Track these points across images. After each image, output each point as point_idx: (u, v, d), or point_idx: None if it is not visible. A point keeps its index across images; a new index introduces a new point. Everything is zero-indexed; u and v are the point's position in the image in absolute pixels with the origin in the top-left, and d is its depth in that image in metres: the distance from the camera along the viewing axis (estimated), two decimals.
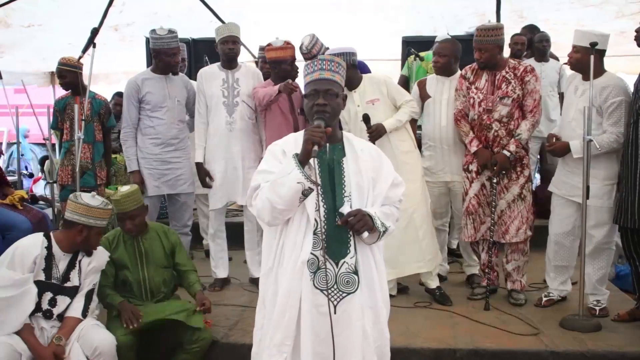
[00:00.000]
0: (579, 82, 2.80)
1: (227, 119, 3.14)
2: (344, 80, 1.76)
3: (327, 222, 1.64)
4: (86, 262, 2.33)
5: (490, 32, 2.86)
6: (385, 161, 1.76)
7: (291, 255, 1.65)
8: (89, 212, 2.25)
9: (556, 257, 2.91)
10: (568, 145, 2.75)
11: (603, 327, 2.64)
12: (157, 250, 2.55)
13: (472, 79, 2.97)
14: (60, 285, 2.28)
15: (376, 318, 1.70)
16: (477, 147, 2.92)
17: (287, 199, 1.58)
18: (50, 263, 2.27)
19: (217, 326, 2.66)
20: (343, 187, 1.68)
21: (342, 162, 1.71)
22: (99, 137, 3.43)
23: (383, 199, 1.72)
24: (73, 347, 2.21)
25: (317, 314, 1.62)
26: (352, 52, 2.91)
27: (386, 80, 2.98)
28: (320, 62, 1.71)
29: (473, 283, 3.22)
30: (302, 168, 1.56)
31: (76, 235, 2.26)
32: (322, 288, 1.62)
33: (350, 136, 1.79)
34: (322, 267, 1.62)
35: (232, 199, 3.30)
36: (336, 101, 1.70)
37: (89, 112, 3.29)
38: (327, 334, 1.59)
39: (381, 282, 1.73)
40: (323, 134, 1.59)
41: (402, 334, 2.54)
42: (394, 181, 1.74)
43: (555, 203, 2.91)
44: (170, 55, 3.10)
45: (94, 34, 3.18)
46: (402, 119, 2.92)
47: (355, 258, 1.66)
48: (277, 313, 1.66)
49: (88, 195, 2.30)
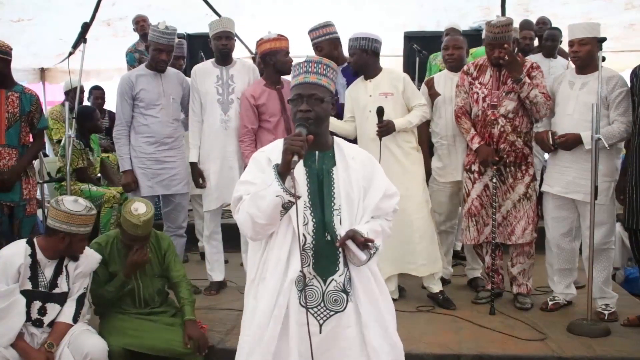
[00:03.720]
0: (573, 77, 2.76)
1: (222, 117, 3.07)
2: (333, 83, 1.65)
3: (315, 236, 1.57)
4: (73, 267, 2.27)
5: (508, 28, 2.79)
6: (377, 170, 1.67)
7: (274, 271, 1.56)
8: (70, 220, 2.16)
9: (559, 261, 2.86)
10: (580, 137, 2.65)
11: (612, 332, 2.58)
12: (151, 259, 2.47)
13: (475, 74, 2.90)
14: (48, 293, 2.21)
15: (384, 331, 1.62)
16: (479, 143, 2.85)
17: (268, 213, 1.49)
18: (36, 271, 2.20)
19: (213, 331, 2.60)
20: (333, 199, 1.60)
21: (332, 171, 1.62)
22: (26, 139, 2.88)
23: (373, 210, 1.63)
24: (63, 353, 2.16)
25: (303, 333, 1.53)
26: (376, 39, 2.83)
27: (405, 78, 2.90)
28: (307, 64, 1.62)
29: (477, 287, 3.16)
30: (280, 180, 1.47)
31: (59, 243, 2.19)
32: (309, 306, 1.54)
33: (341, 142, 1.69)
34: (309, 284, 1.55)
35: (228, 200, 3.21)
36: (321, 106, 1.59)
37: (17, 109, 2.79)
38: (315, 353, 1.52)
39: (382, 292, 1.66)
40: (303, 143, 1.49)
41: (405, 339, 2.40)
42: (386, 192, 1.64)
43: (551, 205, 2.83)
44: (156, 50, 3.02)
45: (85, 29, 3.08)
46: (413, 121, 2.84)
47: (345, 276, 1.59)
48: (254, 333, 1.57)
49: (70, 200, 2.21)
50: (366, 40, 2.80)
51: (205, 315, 2.71)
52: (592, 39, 2.64)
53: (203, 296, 3.11)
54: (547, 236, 2.89)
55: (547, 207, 2.86)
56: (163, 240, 2.53)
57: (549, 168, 2.88)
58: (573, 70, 2.82)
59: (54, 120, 4.52)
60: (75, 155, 3.52)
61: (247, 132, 3.00)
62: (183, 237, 3.29)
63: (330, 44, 3.02)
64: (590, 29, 2.67)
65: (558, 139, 2.72)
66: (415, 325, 2.66)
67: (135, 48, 4.59)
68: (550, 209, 2.84)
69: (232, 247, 3.45)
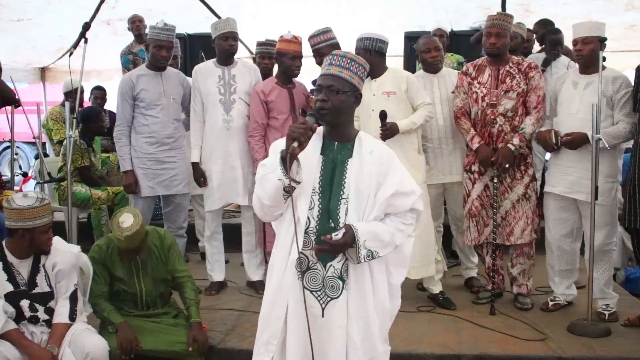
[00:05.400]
0: (577, 77, 2.75)
1: (224, 117, 3.07)
2: (357, 77, 1.65)
3: (319, 221, 1.62)
4: (51, 266, 2.23)
5: (507, 19, 2.81)
6: (395, 166, 1.66)
7: (281, 253, 1.65)
8: (23, 215, 2.12)
9: (560, 262, 2.85)
10: (586, 136, 2.63)
11: (612, 332, 2.58)
12: (153, 261, 2.45)
13: (474, 74, 2.90)
14: (30, 292, 2.19)
15: (366, 330, 1.63)
16: (479, 143, 2.84)
17: (272, 195, 1.58)
18: (11, 272, 2.19)
19: (214, 331, 2.60)
20: (342, 188, 1.63)
21: (347, 162, 1.66)
22: None
23: (385, 207, 1.63)
24: (65, 353, 2.15)
25: (303, 314, 1.58)
26: (382, 39, 2.84)
27: (408, 77, 2.90)
28: (331, 57, 1.67)
29: (472, 287, 3.16)
30: (282, 165, 1.54)
31: (21, 241, 2.17)
32: (311, 289, 1.61)
33: (363, 136, 1.71)
34: (312, 267, 1.61)
35: (231, 200, 3.22)
36: (338, 98, 1.62)
37: None
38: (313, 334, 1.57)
39: (376, 290, 1.65)
40: (305, 131, 1.54)
41: (405, 339, 2.49)
42: (399, 189, 1.63)
43: (552, 206, 2.82)
44: (155, 47, 3.02)
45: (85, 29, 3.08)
46: (417, 122, 2.83)
47: (344, 263, 1.62)
48: (264, 310, 1.66)
49: (20, 197, 2.18)
50: (370, 40, 2.81)
51: (205, 315, 2.68)
52: (595, 38, 2.63)
53: (203, 296, 3.09)
54: (547, 237, 2.88)
55: (549, 208, 2.85)
56: (166, 239, 2.51)
57: (551, 168, 2.86)
58: (576, 69, 2.80)
59: (54, 121, 4.51)
60: (78, 154, 3.55)
61: (256, 127, 3.02)
62: (183, 237, 3.29)
63: (330, 49, 3.02)
64: (594, 28, 2.66)
65: (563, 138, 2.70)
66: (415, 326, 2.66)
67: (129, 50, 4.53)
68: (552, 210, 2.82)
69: (232, 247, 3.45)
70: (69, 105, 3.05)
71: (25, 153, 7.53)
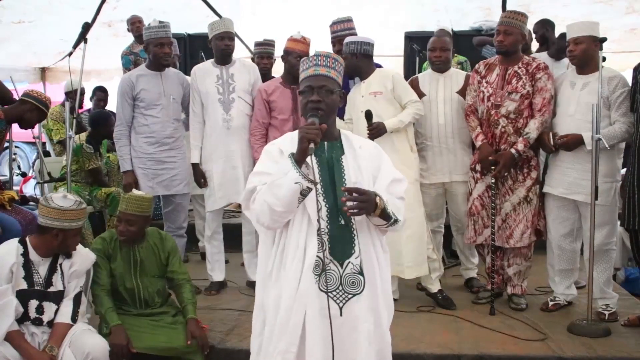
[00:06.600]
0: (574, 77, 2.73)
1: (223, 116, 3.07)
2: (341, 76, 1.71)
3: (330, 221, 1.61)
4: (68, 265, 2.26)
5: (518, 16, 2.79)
6: (384, 158, 1.72)
7: (294, 258, 1.60)
8: (62, 216, 2.16)
9: (560, 262, 2.84)
10: (581, 137, 2.63)
11: (612, 332, 2.57)
12: (152, 260, 2.47)
13: (483, 72, 2.89)
14: (44, 292, 2.21)
15: (378, 321, 1.65)
16: (482, 141, 2.84)
17: (286, 201, 1.54)
18: (30, 270, 2.20)
19: (213, 331, 2.59)
20: (344, 185, 1.65)
21: (341, 159, 1.68)
22: None
23: (384, 194, 1.66)
24: (65, 353, 2.15)
25: (323, 317, 1.58)
26: (366, 42, 2.87)
27: (394, 76, 2.90)
28: (316, 58, 1.68)
29: (472, 287, 3.15)
30: (298, 167, 1.53)
31: (52, 240, 2.19)
32: (328, 290, 1.59)
33: (348, 133, 1.76)
34: (327, 268, 1.59)
35: (233, 200, 3.21)
36: (331, 98, 1.66)
37: None
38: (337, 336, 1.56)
39: (384, 284, 1.68)
40: (318, 131, 1.56)
41: (405, 339, 2.49)
42: (394, 177, 1.69)
43: (552, 206, 2.82)
44: (157, 46, 3.02)
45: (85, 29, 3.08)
46: (405, 120, 2.83)
47: (360, 258, 1.62)
48: (281, 318, 1.61)
49: (59, 197, 2.21)
50: (355, 44, 2.83)
51: (205, 315, 2.69)
52: (587, 37, 2.60)
53: (203, 296, 3.10)
54: (548, 237, 2.87)
55: (549, 208, 2.84)
56: (167, 242, 2.52)
57: (550, 169, 2.85)
58: (574, 70, 2.79)
59: (54, 121, 4.51)
60: (86, 158, 3.62)
61: (257, 125, 3.04)
62: (183, 237, 3.29)
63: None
64: (585, 27, 2.64)
65: (559, 140, 2.70)
66: (415, 325, 2.65)
67: (130, 50, 4.53)
68: (552, 210, 2.82)
69: (232, 247, 3.44)
70: (69, 106, 3.05)
71: (25, 153, 7.53)
